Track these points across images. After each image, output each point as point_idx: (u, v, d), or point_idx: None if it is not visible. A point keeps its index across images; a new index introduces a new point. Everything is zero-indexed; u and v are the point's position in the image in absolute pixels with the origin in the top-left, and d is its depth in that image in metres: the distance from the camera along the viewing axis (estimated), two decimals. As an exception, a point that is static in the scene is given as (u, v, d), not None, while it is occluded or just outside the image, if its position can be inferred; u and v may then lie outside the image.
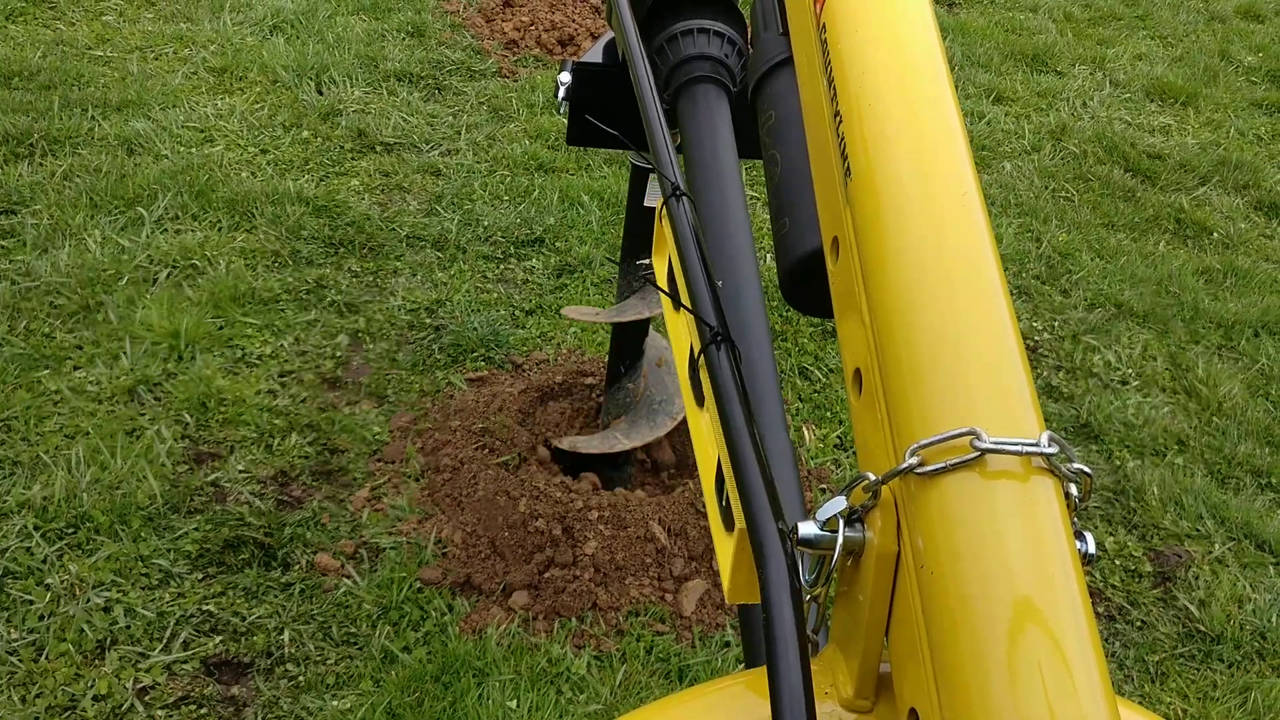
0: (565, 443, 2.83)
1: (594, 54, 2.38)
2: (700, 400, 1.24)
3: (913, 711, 0.85)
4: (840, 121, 1.15)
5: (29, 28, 4.75)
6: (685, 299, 1.26)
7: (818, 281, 1.23)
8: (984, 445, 0.85)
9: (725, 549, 1.10)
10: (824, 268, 1.19)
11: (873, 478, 0.90)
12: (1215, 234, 4.61)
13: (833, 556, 0.92)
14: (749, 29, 1.74)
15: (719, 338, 1.16)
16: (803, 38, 1.36)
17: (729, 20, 1.99)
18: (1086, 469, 0.88)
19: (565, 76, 2.32)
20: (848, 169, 1.11)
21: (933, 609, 0.83)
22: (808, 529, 0.92)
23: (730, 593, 1.08)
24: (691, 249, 1.29)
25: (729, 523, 1.09)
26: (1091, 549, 0.88)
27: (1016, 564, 0.82)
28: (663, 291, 1.39)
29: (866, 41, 1.19)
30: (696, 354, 1.21)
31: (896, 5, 1.22)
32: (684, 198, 1.36)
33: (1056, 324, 3.92)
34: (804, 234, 1.32)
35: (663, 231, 1.43)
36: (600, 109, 2.29)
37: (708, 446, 1.19)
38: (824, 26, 1.25)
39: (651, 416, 2.75)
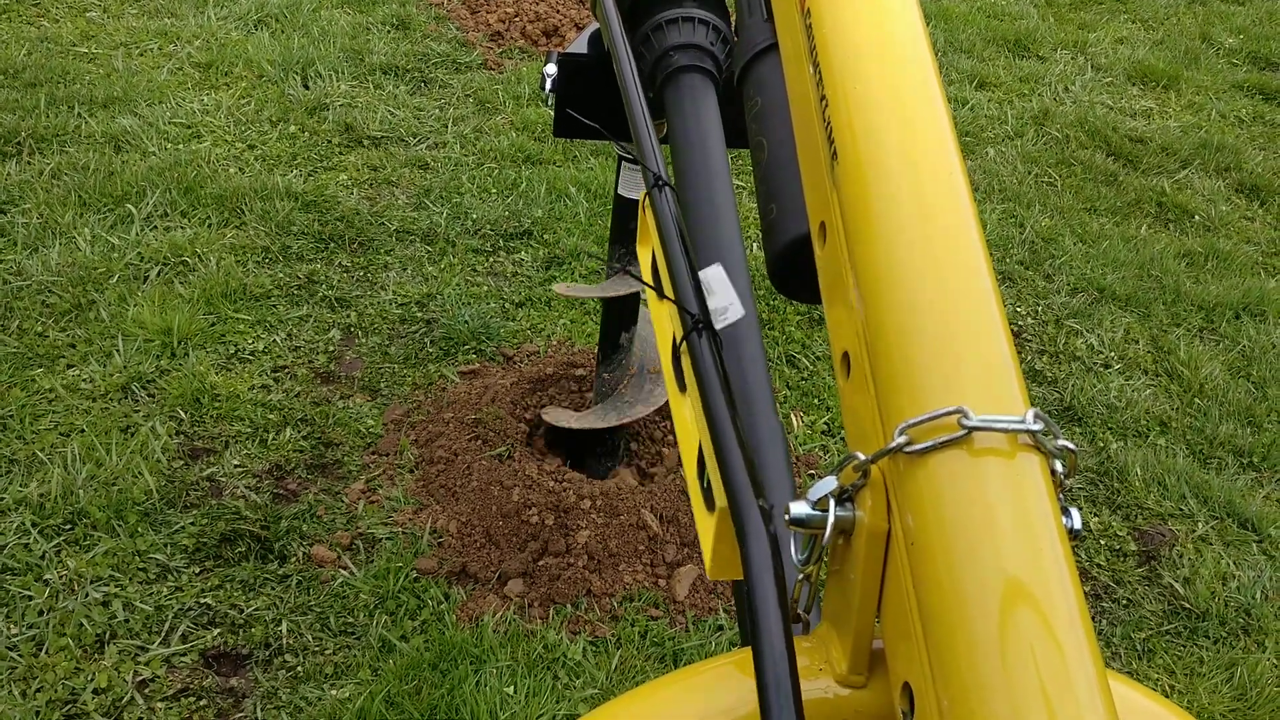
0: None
1: (579, 44, 2.39)
2: (682, 387, 1.25)
3: (906, 686, 0.86)
4: (826, 106, 1.16)
5: (12, 25, 4.75)
6: (668, 289, 1.27)
7: (806, 267, 1.24)
8: (971, 423, 0.87)
9: (706, 527, 1.11)
10: (812, 253, 1.20)
11: (862, 457, 0.92)
12: (1197, 217, 4.65)
13: (824, 535, 0.93)
14: (733, 16, 1.75)
15: (700, 325, 1.17)
16: (788, 23, 1.36)
17: (713, 8, 2.00)
18: (1071, 445, 0.89)
19: (551, 68, 2.33)
20: (834, 153, 1.12)
21: (924, 585, 0.85)
22: (799, 509, 0.93)
23: (712, 569, 1.09)
24: (674, 239, 1.29)
25: (710, 503, 1.11)
26: (1078, 524, 0.89)
27: (1005, 539, 0.83)
28: (645, 284, 1.41)
29: (851, 25, 1.20)
30: (679, 341, 1.23)
31: None
32: (666, 188, 1.37)
33: (1040, 309, 3.96)
34: (791, 219, 1.33)
35: (646, 222, 1.44)
36: (586, 100, 2.30)
37: (690, 431, 1.21)
38: (808, 11, 1.26)
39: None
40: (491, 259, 3.78)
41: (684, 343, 1.19)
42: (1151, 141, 5.17)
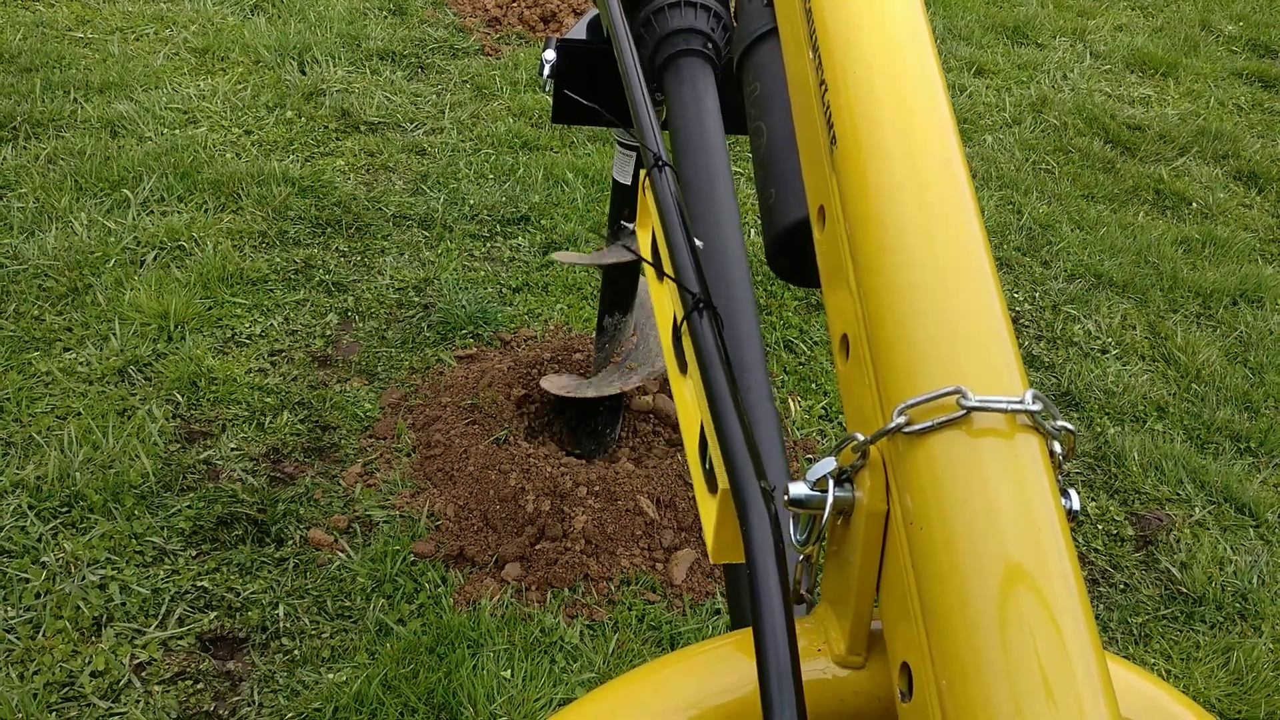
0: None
1: (578, 31, 2.38)
2: (684, 368, 1.25)
3: (905, 665, 0.86)
4: (826, 90, 1.16)
5: (8, 9, 4.73)
6: (668, 268, 1.27)
7: (804, 251, 1.23)
8: (970, 403, 0.86)
9: (709, 510, 1.11)
10: (810, 237, 1.20)
11: (861, 438, 0.91)
12: (1194, 204, 4.65)
13: (823, 516, 0.93)
14: (733, 1, 1.75)
15: (701, 304, 1.17)
16: (787, 7, 1.36)
17: None
18: (1070, 426, 0.89)
19: (549, 54, 2.32)
20: (833, 137, 1.11)
21: (923, 565, 0.84)
22: (798, 489, 0.93)
23: (714, 552, 1.09)
24: (674, 218, 1.29)
25: (712, 484, 1.10)
26: (1076, 505, 0.89)
27: (1004, 519, 0.83)
28: (646, 262, 1.40)
29: (851, 9, 1.19)
30: (679, 321, 1.22)
31: None
32: (666, 168, 1.36)
33: (1037, 295, 3.96)
34: (790, 204, 1.33)
35: (646, 202, 1.43)
36: (585, 86, 2.30)
37: (691, 411, 1.20)
38: None
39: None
40: (489, 244, 3.77)
41: (685, 322, 1.18)
42: (1149, 129, 5.17)
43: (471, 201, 3.93)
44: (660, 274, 1.32)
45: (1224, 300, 4.04)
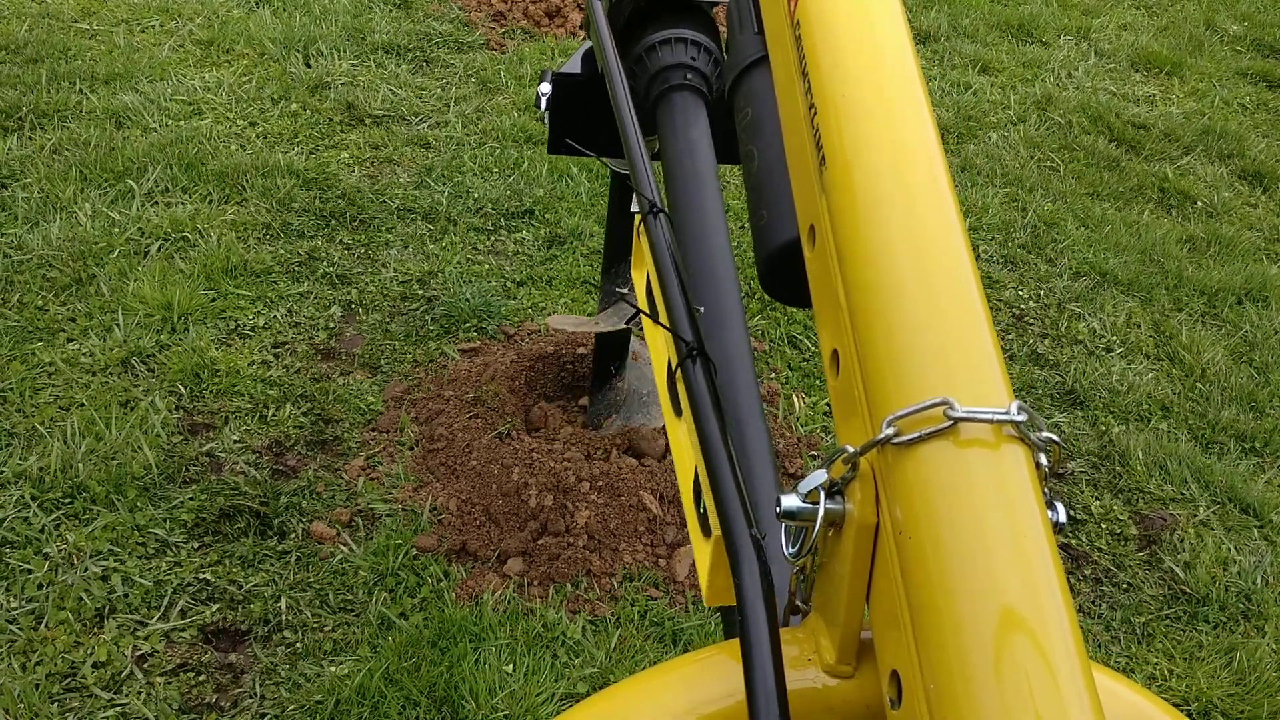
0: None
1: (573, 64, 2.42)
2: (679, 411, 1.27)
3: (894, 673, 0.88)
4: (815, 113, 1.19)
5: (14, 0, 4.73)
6: (663, 315, 1.29)
7: (795, 270, 1.26)
8: (956, 414, 0.88)
9: (703, 554, 1.13)
10: (801, 257, 1.22)
11: (851, 450, 0.93)
12: (1199, 203, 4.65)
13: (814, 528, 0.94)
14: (725, 31, 1.78)
15: (694, 353, 1.19)
16: (778, 35, 1.40)
17: (704, 29, 2.03)
18: (1055, 437, 0.91)
19: (545, 87, 2.35)
20: (822, 158, 1.14)
21: (912, 574, 0.86)
22: (790, 502, 0.95)
23: (709, 596, 1.12)
24: (669, 266, 1.32)
25: (706, 529, 1.12)
26: (1062, 518, 0.91)
27: (990, 528, 0.85)
28: (641, 312, 1.43)
29: (839, 35, 1.23)
30: (674, 368, 1.24)
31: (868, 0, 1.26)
32: (661, 214, 1.39)
33: (1042, 293, 3.95)
34: (781, 224, 1.36)
35: (641, 248, 1.46)
36: (580, 118, 2.34)
37: (686, 456, 1.23)
38: (798, 23, 1.29)
39: None
40: (493, 238, 3.77)
41: (679, 369, 1.21)
42: (1154, 128, 5.16)
43: (476, 195, 3.93)
44: (655, 320, 1.34)
45: (1229, 299, 4.03)
